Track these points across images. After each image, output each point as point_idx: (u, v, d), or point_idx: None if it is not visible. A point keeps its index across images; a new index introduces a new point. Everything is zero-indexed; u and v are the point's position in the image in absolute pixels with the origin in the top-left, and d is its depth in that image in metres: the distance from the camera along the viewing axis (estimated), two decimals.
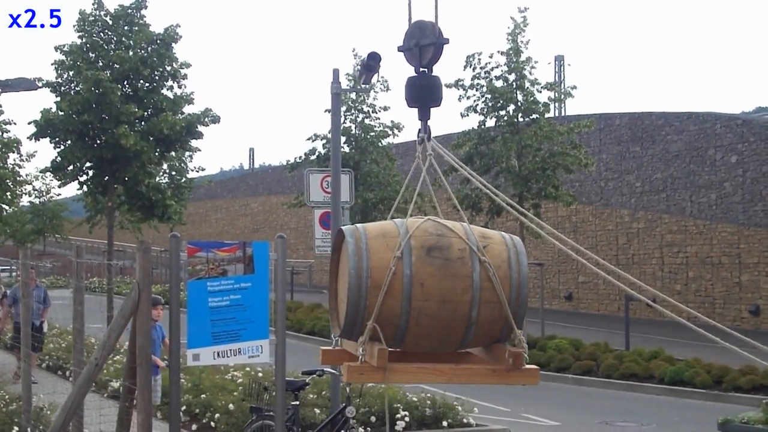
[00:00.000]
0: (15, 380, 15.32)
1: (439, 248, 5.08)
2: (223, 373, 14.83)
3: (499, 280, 5.06)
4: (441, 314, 5.01)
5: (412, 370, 5.21)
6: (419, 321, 5.01)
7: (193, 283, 7.28)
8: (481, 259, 5.06)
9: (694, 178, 32.26)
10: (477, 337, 5.17)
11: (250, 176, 68.64)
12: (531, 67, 24.51)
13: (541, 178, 24.05)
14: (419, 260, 5.03)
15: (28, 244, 50.13)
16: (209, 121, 23.85)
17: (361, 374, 5.12)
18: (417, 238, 5.10)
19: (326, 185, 15.86)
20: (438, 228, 5.20)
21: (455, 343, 5.20)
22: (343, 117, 28.16)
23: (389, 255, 5.03)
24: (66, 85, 23.25)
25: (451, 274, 5.02)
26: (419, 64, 5.71)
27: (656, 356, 20.92)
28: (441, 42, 5.66)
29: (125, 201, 24.93)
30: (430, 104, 5.76)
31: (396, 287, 4.97)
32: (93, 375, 7.29)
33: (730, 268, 30.95)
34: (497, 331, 5.17)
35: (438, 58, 5.69)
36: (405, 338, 5.09)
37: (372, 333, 4.99)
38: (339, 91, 13.33)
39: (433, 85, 5.74)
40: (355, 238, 5.13)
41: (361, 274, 5.00)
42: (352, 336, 5.18)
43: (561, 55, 49.34)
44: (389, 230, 5.20)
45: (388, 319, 5.00)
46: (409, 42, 5.73)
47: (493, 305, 5.06)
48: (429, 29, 5.67)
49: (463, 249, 5.10)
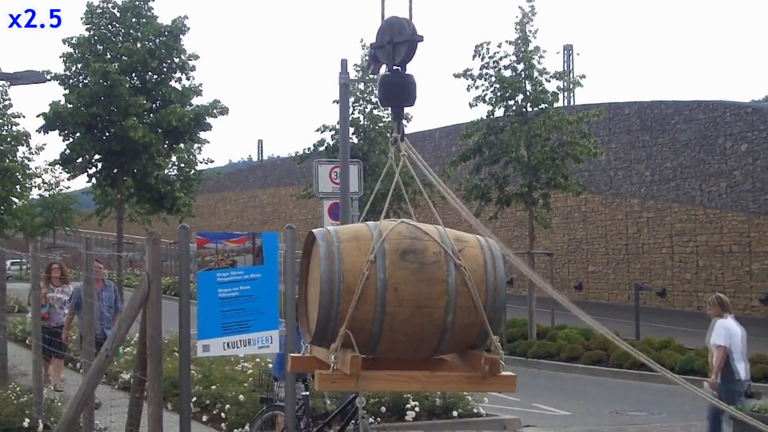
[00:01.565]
0: (48, 384, 13.93)
1: (413, 252, 4.94)
2: (233, 364, 14.85)
3: (475, 285, 4.93)
4: (415, 319, 4.88)
5: (386, 378, 5.07)
6: (393, 327, 4.88)
7: (203, 274, 7.29)
8: (456, 263, 4.93)
9: (704, 166, 32.14)
10: (452, 343, 5.04)
11: (258, 168, 68.66)
12: (539, 56, 24.42)
13: (550, 167, 23.98)
14: (393, 264, 4.88)
15: (38, 237, 50.30)
16: (218, 112, 23.87)
17: (333, 382, 4.98)
18: (391, 241, 4.96)
19: (335, 176, 15.85)
20: (412, 231, 5.06)
21: (430, 349, 5.07)
22: (352, 108, 28.11)
23: (362, 259, 4.88)
24: (74, 77, 23.28)
25: (425, 279, 4.88)
26: (392, 62, 5.59)
27: (667, 345, 20.87)
28: (415, 39, 5.50)
29: (134, 193, 24.97)
30: (403, 103, 5.64)
31: (369, 292, 4.83)
32: (103, 366, 7.29)
33: (741, 256, 30.85)
34: (472, 336, 5.04)
35: (412, 55, 5.54)
36: (378, 345, 4.96)
37: (344, 339, 4.84)
38: (347, 81, 13.33)
39: (406, 83, 5.60)
40: (327, 241, 4.99)
41: (333, 279, 4.85)
42: (324, 342, 5.03)
43: (569, 45, 49.16)
44: (362, 233, 5.05)
45: (361, 325, 4.86)
46: (382, 39, 5.60)
47: (469, 310, 4.93)
48: (403, 26, 5.51)
49: (438, 252, 4.96)
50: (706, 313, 11.59)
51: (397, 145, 5.58)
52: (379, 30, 5.64)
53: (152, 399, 6.95)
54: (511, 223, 38.60)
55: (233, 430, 11.82)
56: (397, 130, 5.58)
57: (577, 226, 37.63)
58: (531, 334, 22.94)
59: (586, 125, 25.65)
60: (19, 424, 10.76)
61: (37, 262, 12.39)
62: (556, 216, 32.83)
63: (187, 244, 7.27)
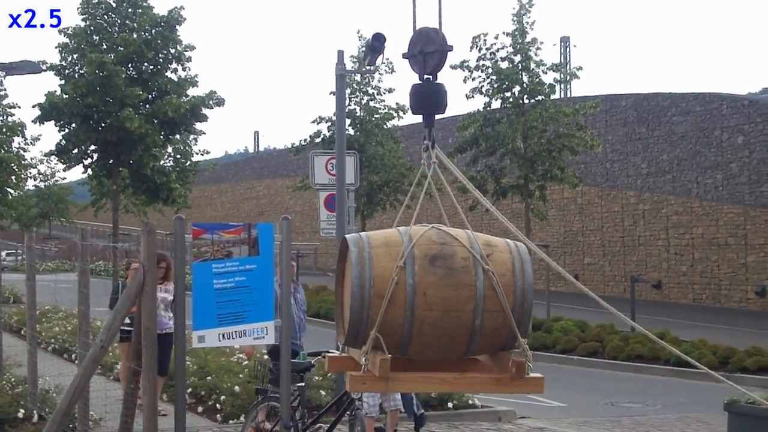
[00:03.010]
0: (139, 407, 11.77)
1: (442, 257, 5.05)
2: (229, 355, 14.85)
3: (503, 289, 5.02)
4: (444, 323, 5.00)
5: (416, 380, 5.23)
6: (422, 330, 5.00)
7: (198, 265, 7.27)
8: (484, 268, 5.03)
9: (701, 159, 32.16)
10: (481, 345, 5.17)
11: (255, 159, 68.62)
12: (536, 48, 24.41)
13: (546, 159, 23.99)
14: (422, 269, 5.00)
15: (34, 228, 50.20)
16: (214, 103, 23.84)
17: (363, 384, 5.11)
18: (420, 247, 5.08)
19: (331, 167, 15.83)
20: (441, 236, 5.17)
21: (459, 352, 5.19)
22: (348, 99, 28.07)
23: (392, 264, 5.01)
24: (70, 68, 23.25)
25: (454, 283, 5.00)
26: (423, 72, 5.68)
27: (662, 337, 20.88)
28: (445, 49, 5.61)
29: (130, 184, 24.94)
30: (435, 111, 5.72)
31: (399, 296, 4.96)
32: (98, 356, 7.28)
33: (737, 249, 30.89)
34: (501, 339, 5.15)
35: (442, 65, 5.65)
36: (408, 347, 5.09)
37: (374, 342, 4.97)
38: (344, 72, 13.27)
39: (437, 92, 5.69)
40: (359, 247, 5.12)
41: (364, 284, 4.99)
42: (356, 344, 5.17)
43: (566, 37, 49.06)
44: (393, 239, 5.18)
45: (391, 328, 4.99)
46: (413, 49, 5.70)
47: (497, 314, 5.04)
48: (433, 36, 5.62)
49: (466, 258, 5.06)
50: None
51: (429, 152, 5.63)
52: (410, 40, 5.73)
53: (147, 390, 6.94)
54: (507, 214, 38.50)
55: (228, 420, 11.83)
56: (429, 137, 5.65)
57: (573, 218, 37.66)
58: None
59: (582, 117, 25.67)
60: (14, 414, 10.76)
61: (32, 253, 12.36)
62: (552, 208, 32.84)
63: (182, 235, 7.24)
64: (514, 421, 13.44)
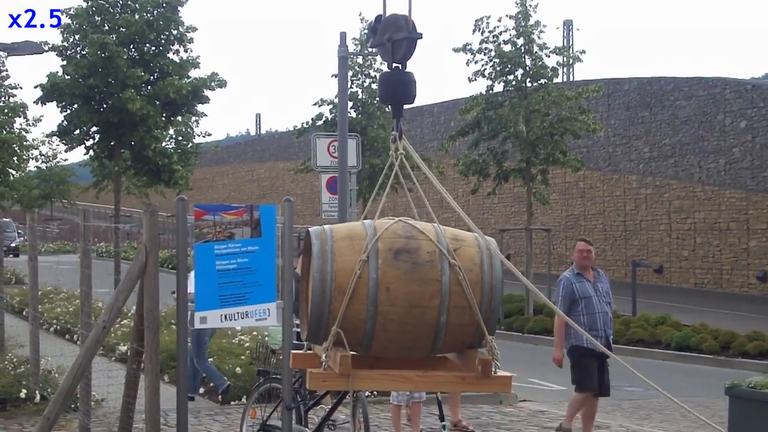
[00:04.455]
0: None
1: (407, 251, 4.90)
2: (231, 337, 14.88)
3: (470, 284, 4.88)
4: (408, 319, 4.84)
5: (377, 377, 5.05)
6: (386, 326, 4.85)
7: (201, 246, 7.25)
8: (450, 263, 4.88)
9: (703, 143, 32.10)
10: (447, 343, 5.01)
11: (256, 142, 68.54)
12: (539, 31, 24.33)
13: (548, 143, 23.94)
14: (386, 263, 4.86)
15: (36, 209, 50.17)
16: (215, 85, 23.74)
17: (323, 381, 4.98)
18: (385, 240, 4.93)
19: (333, 150, 15.80)
20: (407, 230, 5.02)
21: (425, 349, 5.04)
22: (350, 82, 28.01)
23: (355, 258, 4.86)
24: (72, 48, 23.14)
25: (418, 278, 4.85)
26: (392, 60, 5.53)
27: (663, 322, 20.91)
28: (414, 37, 5.43)
29: (131, 165, 24.88)
30: (403, 101, 5.57)
31: (361, 291, 4.81)
32: (100, 337, 7.28)
33: (738, 234, 30.87)
34: (469, 336, 5.00)
35: (411, 53, 5.46)
36: (372, 343, 4.94)
37: (336, 338, 4.83)
38: (346, 54, 13.26)
39: (406, 81, 5.53)
40: (321, 240, 4.97)
41: (326, 278, 4.84)
42: (318, 340, 5.02)
43: (569, 20, 48.90)
44: (357, 232, 5.02)
45: (353, 324, 4.84)
46: (381, 37, 5.52)
47: (463, 310, 4.89)
48: (402, 23, 5.43)
49: (432, 252, 4.91)
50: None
51: (396, 143, 5.49)
52: (378, 27, 5.56)
53: (149, 371, 6.94)
54: (509, 198, 38.56)
55: (230, 402, 11.85)
56: (396, 128, 5.50)
57: (575, 202, 37.63)
58: (528, 309, 22.93)
59: (585, 101, 25.59)
60: (16, 394, 10.79)
61: (35, 234, 12.36)
62: (554, 192, 32.80)
63: (184, 216, 7.22)
64: (515, 405, 13.45)
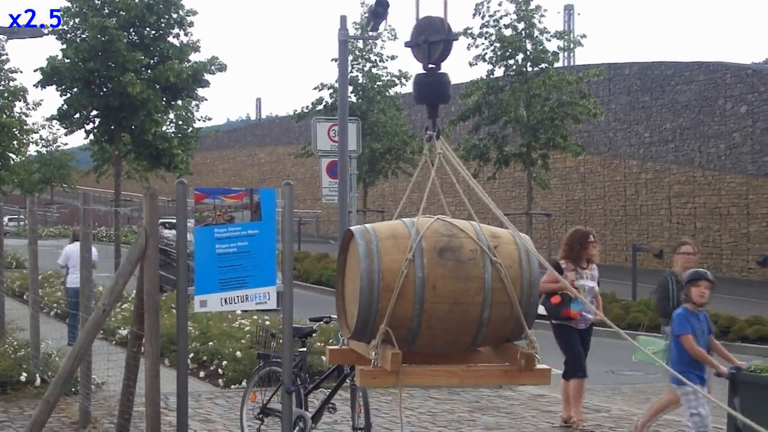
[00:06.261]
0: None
1: (450, 249, 5.02)
2: (231, 321, 14.88)
3: (510, 281, 5.02)
4: (452, 316, 4.98)
5: (426, 373, 5.20)
6: (431, 323, 4.98)
7: (201, 229, 7.24)
8: (492, 260, 5.01)
9: (704, 128, 32.06)
10: (487, 337, 5.16)
11: (257, 126, 68.48)
12: (540, 15, 24.30)
13: (549, 127, 23.93)
14: (431, 262, 4.97)
15: (36, 193, 50.18)
16: (216, 69, 23.72)
17: (374, 378, 5.08)
18: (428, 239, 5.04)
19: (333, 134, 15.77)
20: (448, 228, 5.14)
21: (465, 344, 5.18)
22: (351, 66, 27.96)
23: (400, 257, 4.97)
24: (72, 32, 23.10)
25: (463, 276, 4.97)
26: (428, 61, 5.58)
27: None
28: (450, 38, 5.51)
29: (132, 149, 24.88)
30: (439, 101, 5.63)
31: (408, 290, 4.92)
32: (100, 320, 7.28)
33: (739, 218, 30.87)
34: (508, 331, 5.15)
35: (447, 55, 5.55)
36: (417, 340, 5.07)
37: (384, 336, 4.94)
38: (346, 38, 13.23)
39: (441, 82, 5.60)
40: (366, 239, 5.06)
41: (373, 277, 4.94)
42: (363, 338, 5.14)
43: (570, 5, 48.82)
44: (399, 231, 5.14)
45: (399, 321, 4.96)
46: (417, 38, 5.58)
47: (505, 306, 5.02)
48: (438, 25, 5.51)
49: (474, 250, 5.04)
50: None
51: (433, 142, 5.53)
52: (414, 28, 5.62)
53: (149, 354, 6.95)
54: (510, 183, 38.55)
55: (230, 386, 11.86)
56: (433, 128, 5.55)
57: (575, 186, 37.61)
58: None
59: (585, 85, 25.57)
60: (16, 377, 10.80)
61: (35, 218, 12.35)
62: (554, 176, 32.78)
63: (185, 199, 7.21)
64: (514, 388, 13.47)
